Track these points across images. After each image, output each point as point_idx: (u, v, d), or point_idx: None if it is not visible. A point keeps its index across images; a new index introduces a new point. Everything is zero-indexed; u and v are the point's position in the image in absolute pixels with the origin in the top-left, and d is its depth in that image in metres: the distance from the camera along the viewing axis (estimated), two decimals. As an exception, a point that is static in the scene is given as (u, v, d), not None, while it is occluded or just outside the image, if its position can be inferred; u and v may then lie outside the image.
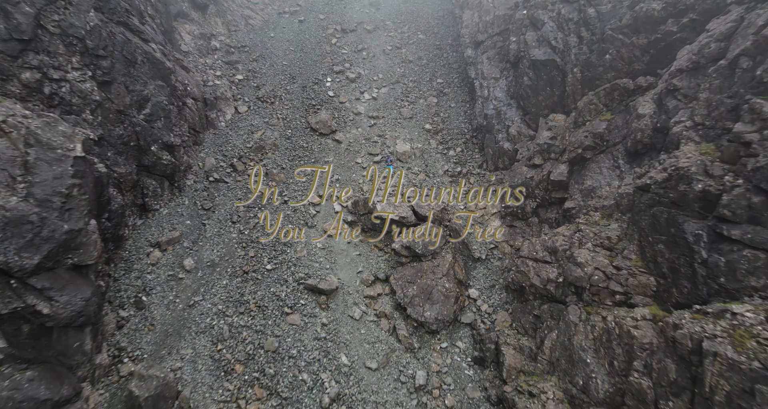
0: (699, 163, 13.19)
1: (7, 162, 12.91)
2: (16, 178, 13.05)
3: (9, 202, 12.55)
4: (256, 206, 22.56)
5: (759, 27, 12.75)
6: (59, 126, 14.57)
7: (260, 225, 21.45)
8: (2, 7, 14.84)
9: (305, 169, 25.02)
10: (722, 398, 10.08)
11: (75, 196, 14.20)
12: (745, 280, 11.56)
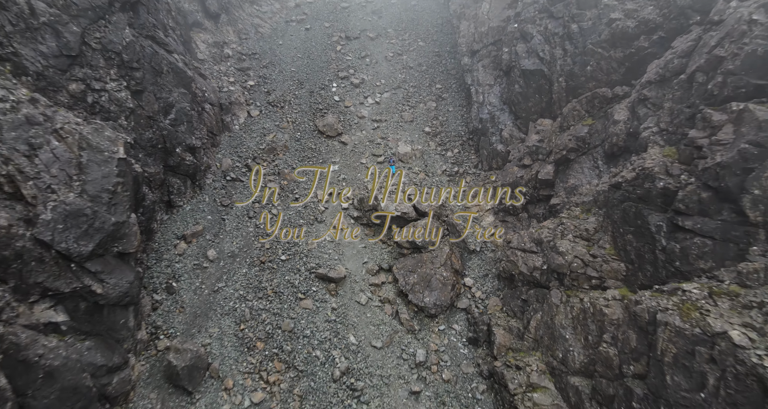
0: (661, 164, 15.25)
1: (65, 163, 14.98)
2: (72, 178, 15.12)
3: (68, 198, 14.62)
4: (270, 202, 24.65)
5: (711, 47, 14.79)
6: (105, 131, 16.64)
7: (273, 220, 23.49)
8: (54, 28, 16.90)
9: (312, 169, 27.13)
10: (670, 359, 12.14)
11: (119, 193, 16.27)
12: (696, 263, 13.62)
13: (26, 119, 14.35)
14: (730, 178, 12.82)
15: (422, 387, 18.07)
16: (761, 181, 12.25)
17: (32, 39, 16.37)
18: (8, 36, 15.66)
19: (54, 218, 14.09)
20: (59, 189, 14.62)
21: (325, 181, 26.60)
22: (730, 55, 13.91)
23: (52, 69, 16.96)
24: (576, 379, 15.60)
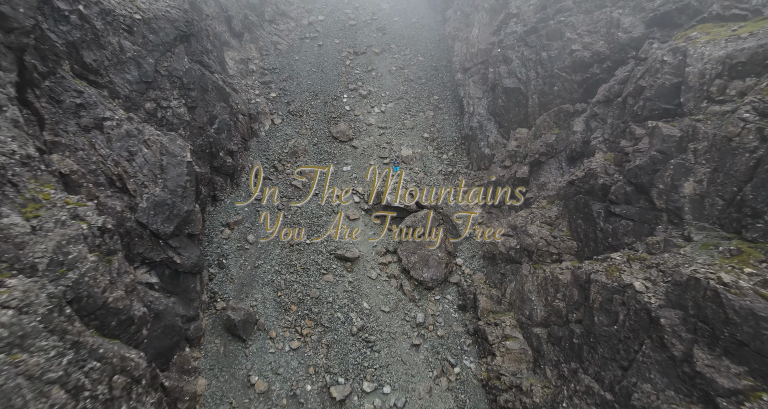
0: (602, 166, 20.00)
1: (152, 165, 19.75)
2: (157, 176, 19.89)
3: (155, 192, 19.39)
4: (295, 196, 29.42)
5: (637, 78, 19.53)
6: (177, 140, 21.41)
7: (301, 211, 28.27)
8: (136, 60, 21.66)
9: (324, 170, 31.91)
10: (598, 305, 16.89)
11: (188, 188, 21.04)
12: (622, 239, 18.37)
13: (126, 133, 19.13)
14: (644, 177, 17.57)
15: (421, 341, 22.82)
16: (664, 178, 16.99)
17: (121, 70, 21.13)
18: (106, 68, 20.41)
19: (148, 206, 18.87)
20: (149, 185, 19.39)
21: (337, 179, 31.40)
22: (649, 85, 18.66)
23: (135, 93, 21.71)
24: (538, 329, 20.38)
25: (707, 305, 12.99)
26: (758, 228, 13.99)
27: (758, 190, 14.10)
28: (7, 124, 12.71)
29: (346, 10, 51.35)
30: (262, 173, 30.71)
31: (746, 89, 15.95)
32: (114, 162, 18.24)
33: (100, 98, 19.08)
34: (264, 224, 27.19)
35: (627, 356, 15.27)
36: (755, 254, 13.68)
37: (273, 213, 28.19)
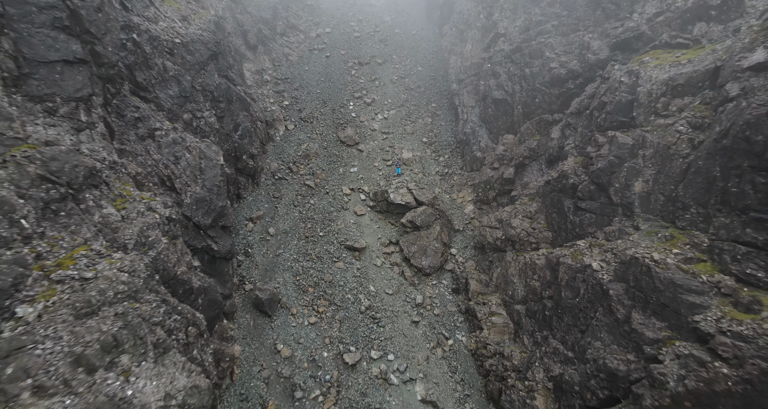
0: (572, 168, 23.50)
1: (194, 168, 23.26)
2: (197, 177, 23.40)
3: (196, 190, 22.91)
4: (308, 194, 32.93)
5: (601, 94, 23.03)
6: (212, 146, 24.95)
7: (314, 207, 31.79)
8: (177, 78, 25.16)
9: (339, 170, 35.43)
10: (564, 283, 20.40)
11: (222, 187, 24.56)
12: (587, 229, 21.88)
13: (173, 141, 22.65)
14: (604, 177, 21.07)
15: (420, 319, 26.34)
16: (619, 179, 20.48)
17: (165, 87, 24.64)
18: (153, 85, 23.92)
19: (191, 202, 22.40)
20: (191, 184, 22.92)
21: (346, 180, 34.92)
22: (609, 101, 22.18)
23: (175, 105, 25.22)
24: (518, 306, 23.90)
25: (642, 277, 16.51)
26: (686, 218, 17.48)
27: (687, 189, 17.59)
28: (99, 137, 16.25)
29: (351, 22, 54.83)
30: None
31: (684, 106, 19.45)
32: (164, 165, 21.76)
33: (151, 112, 22.59)
34: (282, 219, 30.75)
35: (585, 322, 18.80)
36: (683, 239, 17.20)
37: (290, 209, 31.71)
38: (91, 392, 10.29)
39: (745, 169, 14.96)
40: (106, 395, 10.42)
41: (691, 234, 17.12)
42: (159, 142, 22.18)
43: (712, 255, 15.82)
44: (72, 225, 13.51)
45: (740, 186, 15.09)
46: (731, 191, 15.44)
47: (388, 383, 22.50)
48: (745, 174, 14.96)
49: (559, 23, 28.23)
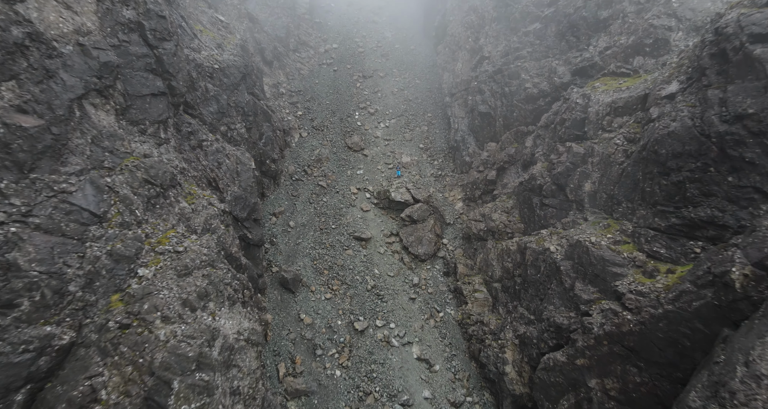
0: (540, 171, 28.43)
1: (232, 171, 28.20)
2: (235, 179, 28.35)
3: (235, 190, 27.85)
4: (321, 193, 37.87)
5: (562, 112, 27.94)
6: (245, 153, 29.91)
7: (326, 204, 36.73)
8: (216, 97, 30.09)
9: (347, 172, 40.35)
10: (530, 263, 25.35)
11: (254, 187, 29.51)
12: (549, 221, 26.81)
13: (216, 150, 27.59)
14: (563, 179, 26.00)
15: (416, 296, 31.30)
16: (573, 180, 25.41)
17: (207, 105, 29.57)
18: (198, 104, 28.84)
19: (231, 199, 27.34)
20: (231, 185, 27.86)
21: (353, 180, 39.85)
22: (568, 118, 27.11)
23: (214, 120, 30.15)
24: (496, 283, 28.86)
25: (583, 255, 21.47)
26: (619, 211, 22.42)
27: (620, 189, 22.52)
28: (172, 149, 21.21)
29: (355, 38, 59.72)
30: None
31: (622, 124, 24.39)
32: (210, 169, 26.70)
33: (198, 126, 27.53)
34: (300, 214, 35.72)
35: (543, 292, 23.77)
36: (615, 226, 22.14)
37: (306, 206, 36.67)
38: (195, 322, 15.26)
39: (654, 174, 19.91)
40: (204, 324, 15.38)
41: (621, 223, 22.08)
42: (206, 150, 27.11)
43: (633, 238, 20.78)
44: (164, 215, 18.49)
45: (652, 187, 20.05)
46: (647, 190, 20.40)
47: (390, 345, 27.48)
48: (654, 178, 19.91)
49: (532, 50, 33.18)
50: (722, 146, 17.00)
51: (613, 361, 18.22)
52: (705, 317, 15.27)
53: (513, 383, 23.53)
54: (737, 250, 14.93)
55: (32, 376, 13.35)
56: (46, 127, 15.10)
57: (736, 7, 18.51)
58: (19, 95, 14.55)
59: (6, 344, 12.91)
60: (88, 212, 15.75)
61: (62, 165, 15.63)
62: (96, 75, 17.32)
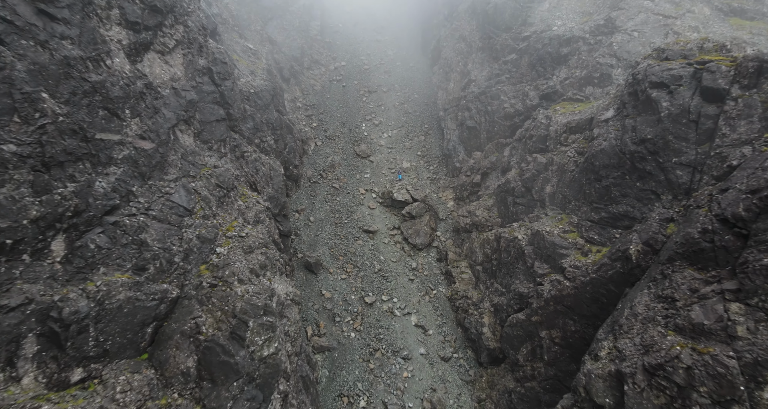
0: (513, 176, 34.46)
1: (266, 176, 34.25)
2: (268, 182, 34.40)
3: (269, 191, 33.89)
4: (335, 193, 43.90)
5: (532, 130, 33.97)
6: (276, 161, 35.98)
7: (340, 203, 42.78)
8: (252, 116, 36.11)
9: (355, 176, 46.34)
10: (503, 248, 31.38)
11: (283, 189, 35.55)
12: (520, 216, 32.83)
13: (254, 159, 33.63)
14: (530, 183, 32.02)
15: (414, 277, 37.34)
16: (537, 184, 31.42)
17: (244, 122, 35.57)
18: (239, 122, 34.86)
19: (266, 198, 33.37)
20: (266, 187, 33.90)
21: (361, 183, 45.85)
22: (535, 134, 33.11)
23: (251, 134, 36.17)
24: (478, 267, 34.91)
25: (541, 241, 27.51)
26: (570, 208, 28.45)
27: (571, 191, 28.53)
28: (229, 160, 27.26)
29: (361, 56, 65.75)
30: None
31: (574, 140, 30.39)
32: (251, 175, 32.75)
33: (241, 140, 33.55)
34: (318, 211, 41.81)
35: (513, 271, 29.81)
36: (566, 219, 28.17)
37: (323, 204, 42.73)
38: (259, 284, 21.33)
39: (591, 179, 25.95)
40: (265, 285, 21.46)
41: (570, 217, 28.13)
42: (247, 160, 33.13)
43: (577, 228, 26.83)
44: (228, 210, 24.57)
45: (590, 189, 26.09)
46: (587, 192, 26.44)
47: (393, 315, 33.56)
48: (591, 182, 25.95)
49: (510, 76, 39.23)
50: (633, 161, 23.06)
51: (556, 317, 24.31)
52: (615, 281, 21.39)
53: (488, 340, 29.63)
54: (635, 233, 21.07)
55: (157, 316, 19.44)
56: (156, 149, 21.20)
57: (647, 58, 24.54)
58: (141, 127, 20.64)
59: (142, 294, 18.99)
60: (183, 208, 21.83)
61: (165, 175, 21.72)
62: (183, 109, 23.42)
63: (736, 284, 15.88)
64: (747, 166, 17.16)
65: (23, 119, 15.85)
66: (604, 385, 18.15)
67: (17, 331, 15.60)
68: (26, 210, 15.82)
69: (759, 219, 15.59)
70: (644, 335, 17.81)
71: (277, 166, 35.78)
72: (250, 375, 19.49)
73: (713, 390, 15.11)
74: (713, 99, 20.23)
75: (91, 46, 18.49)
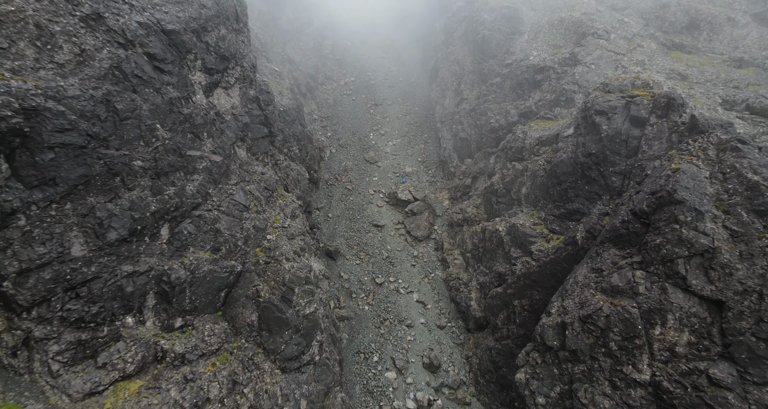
0: (497, 180, 40.54)
1: (295, 180, 40.41)
2: (296, 185, 40.54)
3: (297, 192, 40.03)
4: (348, 194, 50.04)
5: (511, 142, 40.04)
6: (302, 167, 42.17)
7: (352, 202, 48.94)
8: (282, 130, 42.26)
9: (365, 178, 52.46)
10: (487, 238, 37.52)
11: (307, 190, 41.69)
12: (501, 212, 38.96)
13: (285, 166, 39.76)
14: (509, 186, 38.09)
15: (416, 263, 43.47)
16: (515, 186, 37.53)
17: (277, 135, 41.68)
18: (273, 135, 40.96)
19: (297, 198, 39.52)
20: (294, 189, 40.03)
21: (370, 185, 51.96)
22: (514, 146, 39.20)
23: (281, 145, 42.29)
24: (468, 254, 41.04)
25: (515, 232, 33.60)
26: (539, 205, 34.53)
27: (540, 192, 34.60)
28: (269, 167, 33.44)
29: (368, 72, 71.86)
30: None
31: (545, 151, 36.47)
32: (282, 179, 38.90)
33: (274, 150, 39.69)
34: (334, 208, 47.99)
35: (494, 256, 35.92)
36: (536, 215, 34.27)
37: (338, 203, 48.87)
38: (301, 261, 27.52)
39: (554, 183, 32.03)
40: (305, 263, 27.65)
41: (539, 213, 34.24)
42: (279, 166, 39.29)
43: (543, 221, 32.92)
44: (273, 207, 30.76)
45: (553, 191, 32.17)
46: (551, 193, 32.52)
47: (399, 293, 39.71)
48: (554, 186, 32.03)
49: (495, 96, 45.34)
50: (583, 169, 29.16)
51: (525, 289, 30.46)
52: (567, 260, 27.52)
53: (475, 311, 35.79)
54: (581, 224, 27.22)
55: (228, 284, 25.61)
56: (223, 161, 27.38)
57: (596, 90, 30.63)
58: (213, 145, 26.81)
59: (218, 268, 25.16)
60: (242, 205, 28.00)
61: (229, 180, 27.90)
62: (240, 130, 29.62)
63: (640, 257, 22.08)
64: (653, 175, 23.33)
65: (145, 143, 22.09)
66: (553, 332, 24.34)
67: (143, 289, 21.83)
68: (148, 206, 22.05)
69: (655, 213, 21.79)
70: (581, 296, 23.97)
71: (302, 171, 41.95)
72: (296, 327, 25.70)
73: (622, 330, 21.31)
74: (638, 124, 26.37)
75: (183, 88, 24.70)
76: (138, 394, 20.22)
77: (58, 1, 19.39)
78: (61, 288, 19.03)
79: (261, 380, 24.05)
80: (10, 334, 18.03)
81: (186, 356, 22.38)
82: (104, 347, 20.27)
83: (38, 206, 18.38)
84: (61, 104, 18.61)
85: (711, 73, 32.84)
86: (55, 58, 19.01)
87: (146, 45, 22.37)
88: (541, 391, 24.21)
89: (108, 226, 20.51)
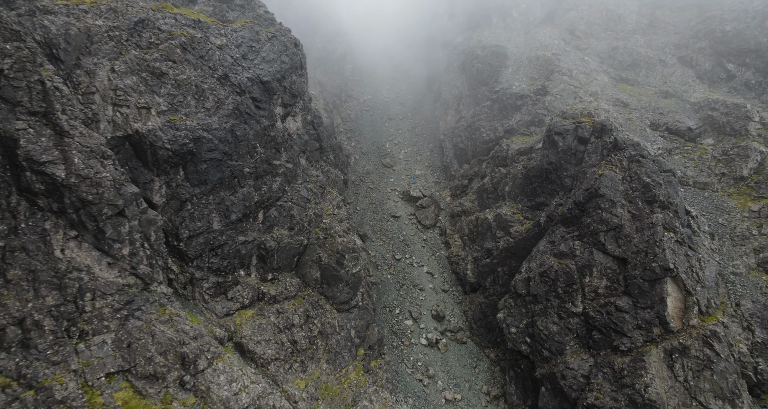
0: (487, 181, 49.39)
1: (333, 181, 49.49)
2: (335, 185, 49.61)
3: (336, 190, 49.16)
4: (371, 192, 59.07)
5: (498, 151, 48.88)
6: (338, 170, 51.20)
7: (374, 198, 58.00)
8: (320, 143, 51.37)
9: (384, 180, 61.47)
10: (480, 224, 46.47)
11: (342, 188, 50.76)
12: (490, 205, 47.87)
13: (326, 170, 48.84)
14: (498, 185, 46.95)
15: (425, 245, 52.44)
16: (502, 185, 46.39)
17: (312, 149, 50.79)
18: (310, 152, 50.11)
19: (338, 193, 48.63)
20: (333, 188, 49.08)
21: (388, 185, 60.94)
22: (499, 155, 47.99)
23: (322, 154, 51.34)
24: (465, 237, 49.95)
25: (500, 220, 42.47)
26: (518, 200, 43.35)
27: (518, 190, 43.43)
28: (320, 171, 42.57)
29: (382, 91, 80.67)
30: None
31: (522, 159, 45.23)
32: (325, 180, 47.96)
33: (308, 166, 48.73)
34: (361, 203, 57.11)
35: (484, 238, 44.81)
36: (516, 207, 43.11)
37: (363, 198, 57.92)
38: (348, 237, 36.57)
39: (528, 183, 40.80)
40: (352, 238, 36.70)
41: (518, 205, 43.06)
42: (323, 170, 48.33)
43: (521, 211, 41.72)
44: (325, 200, 39.85)
45: (527, 189, 40.96)
46: (526, 191, 41.32)
47: (413, 266, 48.75)
48: (528, 185, 40.81)
49: (486, 116, 54.15)
50: (546, 173, 37.96)
51: (506, 259, 39.36)
52: (534, 237, 36.41)
53: (470, 278, 44.75)
54: (543, 212, 36.12)
55: (299, 252, 34.70)
56: (293, 167, 36.49)
57: (558, 116, 39.33)
58: (286, 156, 35.92)
59: (293, 241, 34.26)
60: (305, 198, 37.10)
61: (296, 180, 37.02)
62: (302, 145, 38.74)
63: (578, 232, 30.94)
64: (587, 177, 32.19)
65: (250, 156, 31.27)
66: (522, 284, 33.27)
67: (250, 252, 31.02)
68: (252, 198, 31.22)
69: (588, 202, 30.67)
70: (540, 259, 32.88)
71: (339, 174, 51.03)
72: (347, 281, 34.83)
73: (565, 280, 30.19)
74: (582, 142, 35.19)
75: (270, 118, 33.87)
76: (252, 317, 29.43)
77: (205, 69, 28.60)
78: (208, 248, 28.26)
79: (324, 316, 33.19)
80: (183, 275, 27.30)
81: (276, 297, 31.54)
82: (231, 287, 29.47)
83: (197, 197, 27.62)
84: (209, 134, 27.81)
85: (645, 102, 41.55)
86: (204, 105, 28.23)
87: (251, 92, 31.56)
88: (513, 323, 33.20)
89: (231, 210, 29.71)
